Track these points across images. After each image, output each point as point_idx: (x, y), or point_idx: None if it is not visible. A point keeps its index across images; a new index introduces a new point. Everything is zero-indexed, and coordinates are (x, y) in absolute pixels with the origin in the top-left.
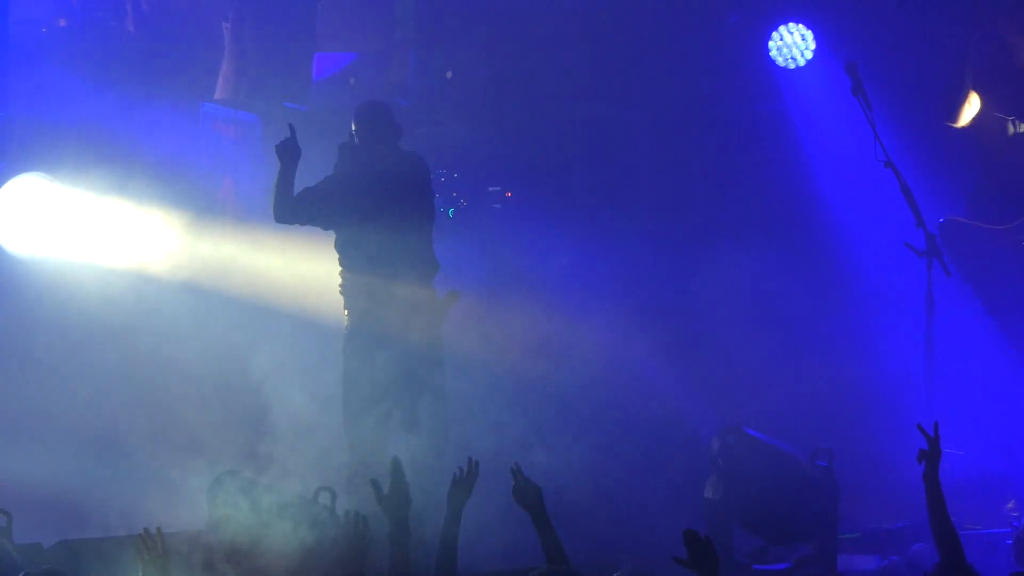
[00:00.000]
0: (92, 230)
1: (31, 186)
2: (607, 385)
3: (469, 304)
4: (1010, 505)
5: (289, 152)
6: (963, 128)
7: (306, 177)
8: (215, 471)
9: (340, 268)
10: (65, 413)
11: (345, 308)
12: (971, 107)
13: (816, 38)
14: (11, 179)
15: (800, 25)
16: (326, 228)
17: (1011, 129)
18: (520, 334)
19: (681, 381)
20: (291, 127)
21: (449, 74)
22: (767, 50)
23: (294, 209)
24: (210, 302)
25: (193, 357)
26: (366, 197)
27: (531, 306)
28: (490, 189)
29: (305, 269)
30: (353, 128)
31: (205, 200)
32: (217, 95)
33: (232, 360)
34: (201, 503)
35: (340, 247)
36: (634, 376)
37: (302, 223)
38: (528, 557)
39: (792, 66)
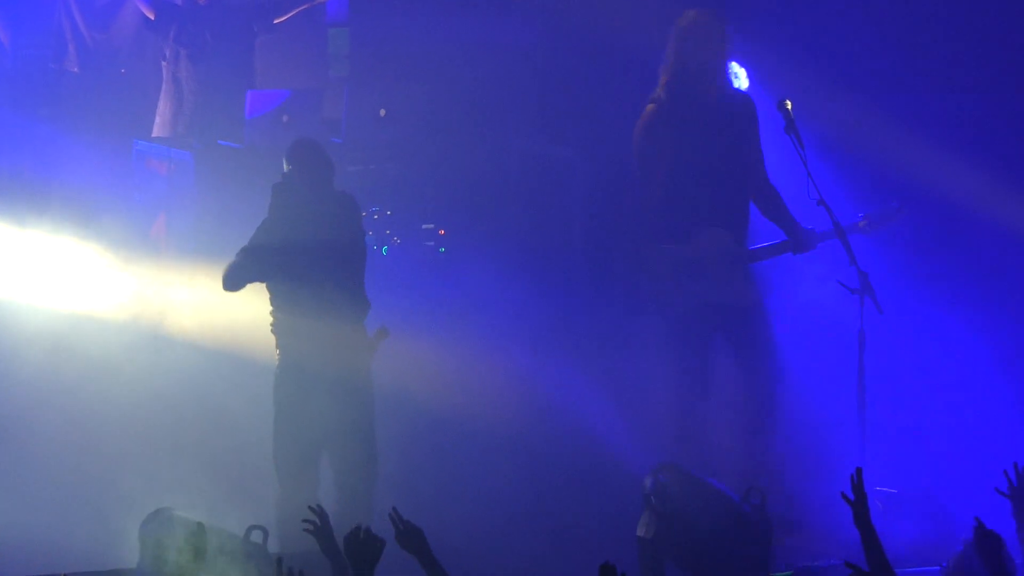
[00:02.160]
0: (22, 268)
1: None
2: (540, 423)
3: (400, 343)
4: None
5: None
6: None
7: (241, 217)
8: (147, 508)
9: (271, 307)
10: None
11: (277, 348)
12: None
13: (749, 75)
14: None
15: (733, 63)
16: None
17: None
18: (452, 372)
19: (614, 418)
20: None
21: (383, 112)
22: None
23: (240, 276)
24: (143, 339)
25: (124, 394)
26: (298, 239)
27: (463, 344)
28: (424, 226)
29: (240, 306)
30: (285, 168)
31: (139, 237)
32: (155, 133)
33: (164, 397)
34: (133, 540)
35: (271, 287)
36: (567, 414)
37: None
38: None
39: None
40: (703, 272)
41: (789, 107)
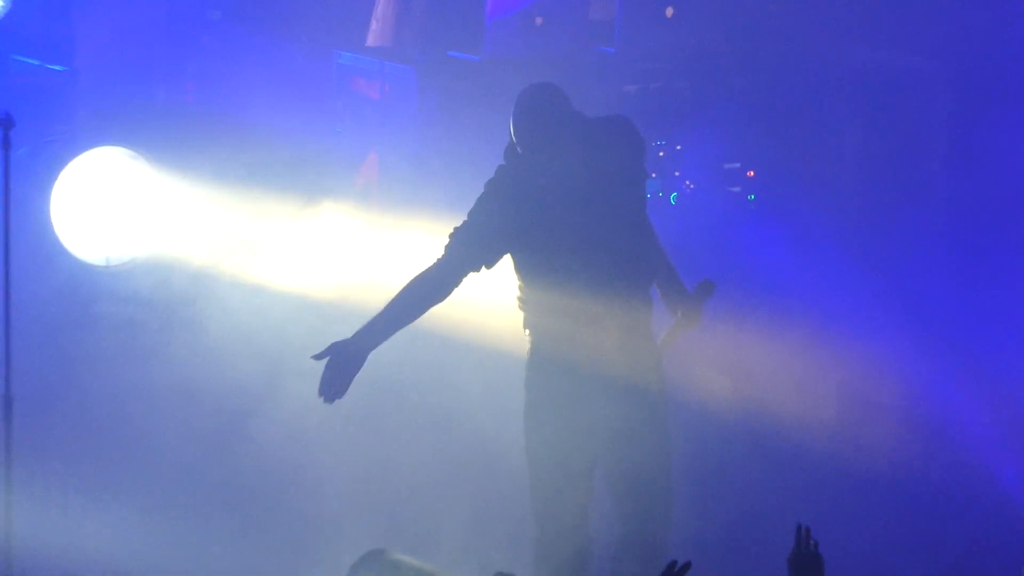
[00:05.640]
0: (191, 220)
1: (109, 161)
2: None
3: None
4: None
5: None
6: None
7: (477, 154)
8: (358, 549)
9: (518, 282)
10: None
11: (525, 327)
12: None
13: None
14: (87, 151)
15: None
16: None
17: None
18: (761, 359)
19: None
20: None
21: (670, 11)
22: None
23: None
24: (343, 315)
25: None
26: (546, 200)
27: (778, 322)
28: (726, 166)
29: (480, 281)
30: (513, 137)
31: (341, 182)
32: (369, 42)
33: (372, 394)
34: None
35: (516, 258)
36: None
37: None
38: None
39: None
40: None
41: None
